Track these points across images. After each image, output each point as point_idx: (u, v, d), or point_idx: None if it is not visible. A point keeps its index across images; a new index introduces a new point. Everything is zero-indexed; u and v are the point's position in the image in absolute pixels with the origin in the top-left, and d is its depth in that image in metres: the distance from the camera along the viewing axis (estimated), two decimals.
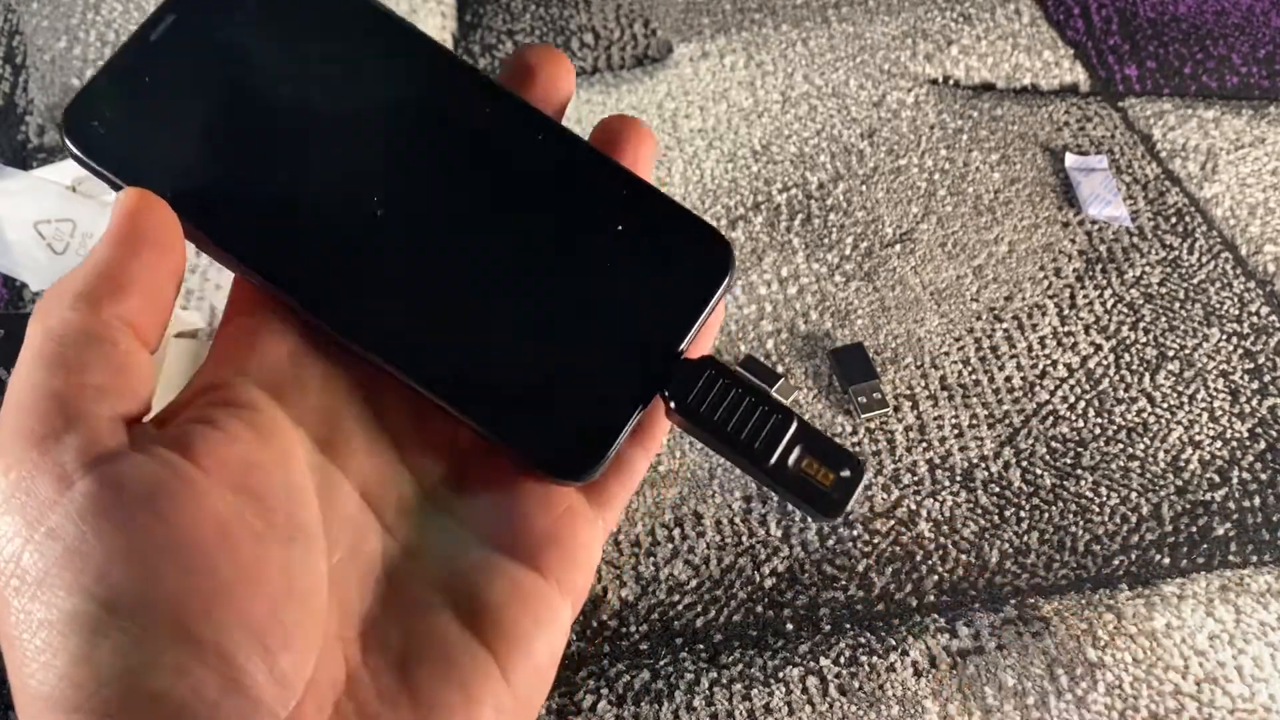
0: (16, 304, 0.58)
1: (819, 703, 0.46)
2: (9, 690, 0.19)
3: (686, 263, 0.25)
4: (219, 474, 0.21)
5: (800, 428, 0.24)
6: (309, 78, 0.25)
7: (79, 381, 0.21)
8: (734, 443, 0.24)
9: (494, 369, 0.24)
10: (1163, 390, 0.56)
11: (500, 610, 0.23)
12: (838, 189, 0.64)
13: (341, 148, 0.24)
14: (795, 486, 0.24)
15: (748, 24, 0.72)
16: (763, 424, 0.24)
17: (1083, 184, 0.64)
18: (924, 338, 0.57)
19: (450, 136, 0.25)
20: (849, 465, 0.24)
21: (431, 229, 0.24)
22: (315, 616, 0.21)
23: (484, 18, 0.72)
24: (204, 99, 0.24)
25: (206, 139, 0.24)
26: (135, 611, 0.19)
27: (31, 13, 0.71)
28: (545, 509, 0.24)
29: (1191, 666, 0.47)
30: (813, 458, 0.24)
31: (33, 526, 0.19)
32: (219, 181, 0.24)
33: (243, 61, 0.24)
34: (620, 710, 0.45)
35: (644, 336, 0.24)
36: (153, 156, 0.24)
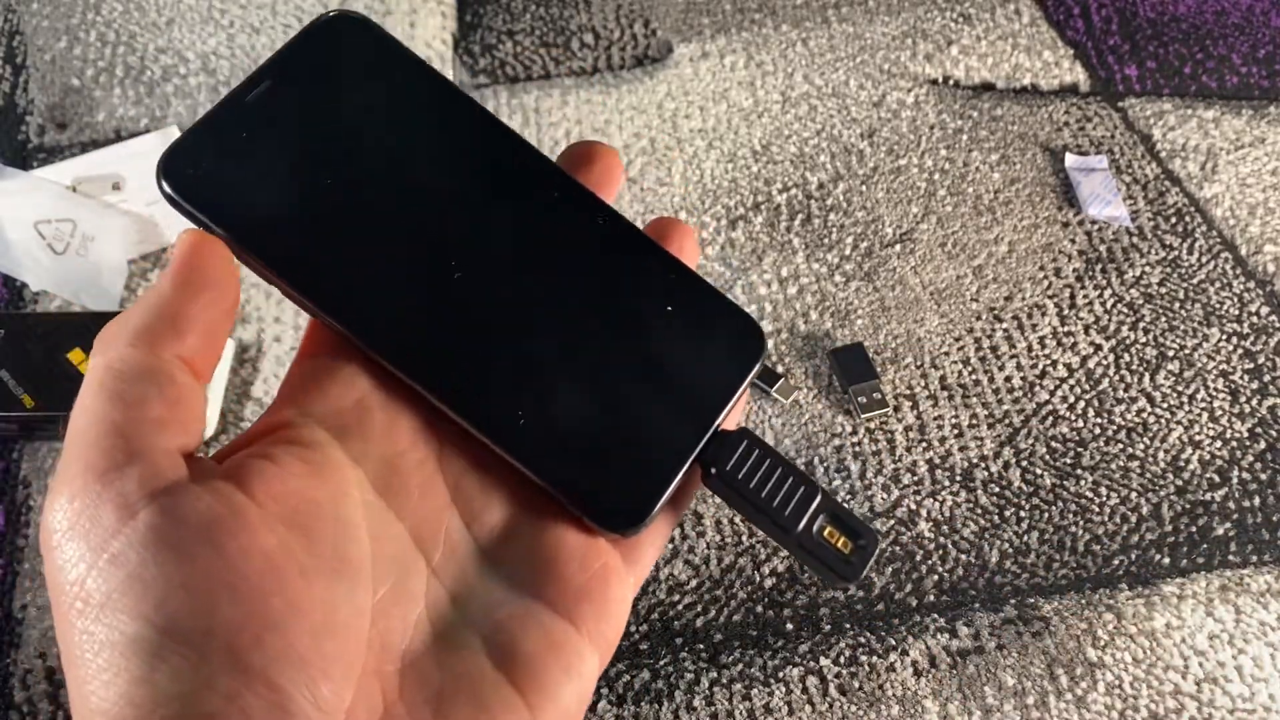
0: (16, 304, 0.58)
1: (819, 702, 0.46)
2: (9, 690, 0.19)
3: (725, 344, 0.28)
4: (272, 507, 0.22)
5: (824, 499, 0.27)
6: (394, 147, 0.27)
7: (139, 415, 0.22)
8: (766, 510, 0.27)
9: (558, 429, 0.26)
10: (1163, 390, 0.56)
11: (534, 658, 0.24)
12: (838, 189, 0.64)
13: (423, 214, 0.27)
14: (818, 552, 0.27)
15: (748, 24, 0.72)
16: (792, 494, 0.27)
17: (1083, 184, 0.64)
18: (924, 338, 0.57)
19: (522, 214, 0.28)
20: (865, 535, 0.27)
21: (503, 295, 0.27)
22: (355, 648, 0.23)
23: (484, 18, 0.72)
24: (295, 157, 0.26)
25: (296, 193, 0.26)
26: (191, 638, 0.20)
27: (31, 13, 0.71)
28: (584, 566, 0.26)
29: (1191, 666, 0.47)
30: (834, 527, 0.27)
31: (96, 553, 0.20)
32: (307, 232, 0.26)
33: (333, 126, 0.27)
34: (620, 710, 0.45)
35: (687, 407, 0.27)
36: (244, 204, 0.26)
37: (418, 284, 0.26)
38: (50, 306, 0.58)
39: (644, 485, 0.26)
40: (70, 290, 0.57)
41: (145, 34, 0.70)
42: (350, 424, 0.25)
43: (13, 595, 0.48)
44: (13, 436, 0.53)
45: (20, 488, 0.52)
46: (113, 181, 0.61)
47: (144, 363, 0.22)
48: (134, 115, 0.66)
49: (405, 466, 0.26)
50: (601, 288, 0.27)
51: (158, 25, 0.70)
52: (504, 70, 0.69)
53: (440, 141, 0.28)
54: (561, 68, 0.69)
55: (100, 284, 0.58)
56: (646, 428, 0.26)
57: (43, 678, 0.46)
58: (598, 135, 0.65)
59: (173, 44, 0.69)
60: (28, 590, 0.49)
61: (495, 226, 0.27)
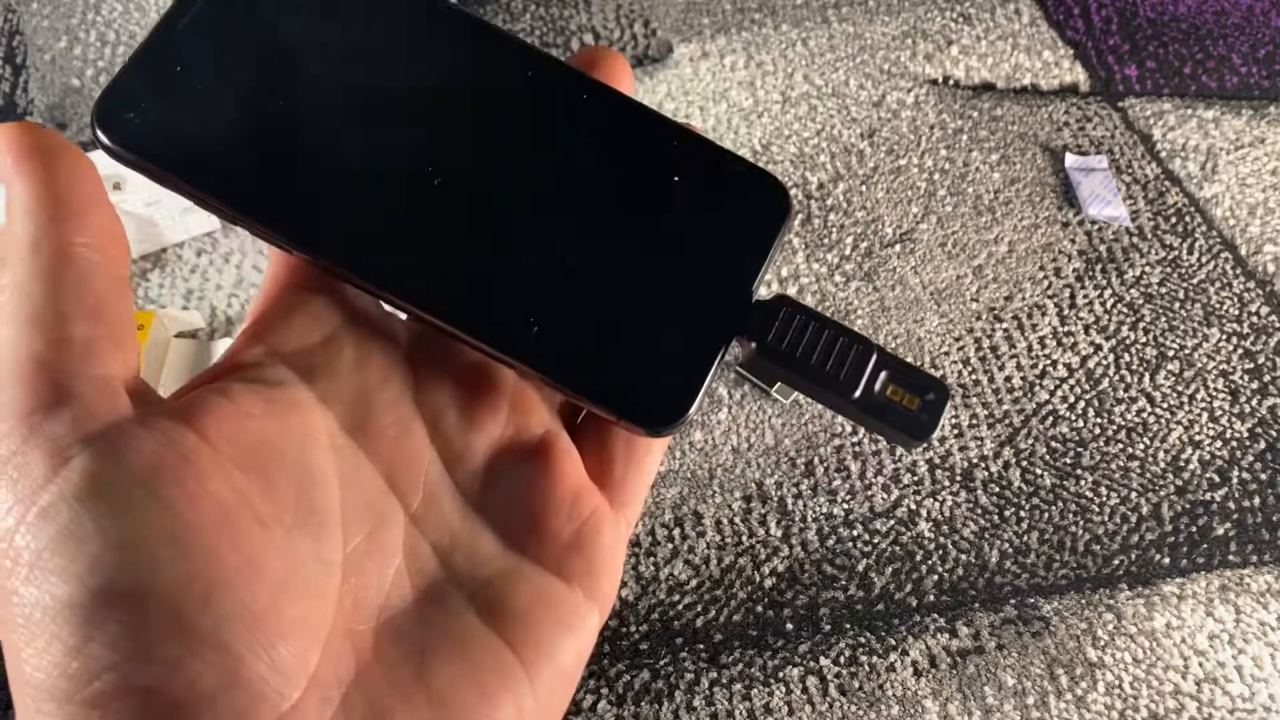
0: None
1: (819, 703, 0.46)
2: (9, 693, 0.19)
3: (747, 208, 0.25)
4: (226, 449, 0.20)
5: (881, 356, 0.25)
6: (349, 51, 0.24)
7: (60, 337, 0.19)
8: (820, 377, 0.24)
9: (577, 329, 0.24)
10: (1163, 390, 0.56)
11: (524, 615, 0.23)
12: (838, 189, 0.64)
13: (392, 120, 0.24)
14: (884, 414, 0.24)
15: (748, 24, 0.72)
16: (845, 355, 0.24)
17: (1083, 184, 0.64)
18: (924, 338, 0.58)
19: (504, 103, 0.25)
20: (933, 388, 0.24)
21: (496, 191, 0.24)
22: (322, 606, 0.21)
23: (484, 18, 0.72)
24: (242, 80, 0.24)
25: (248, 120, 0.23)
26: (131, 601, 0.18)
27: (31, 13, 0.71)
28: (571, 516, 0.24)
29: (1191, 666, 0.47)
30: (897, 385, 0.24)
31: (25, 505, 0.18)
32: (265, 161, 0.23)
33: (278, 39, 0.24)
34: (620, 710, 0.45)
35: (717, 283, 0.24)
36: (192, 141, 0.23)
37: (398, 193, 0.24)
38: None
39: (682, 374, 0.23)
40: None
41: (145, 34, 0.70)
42: (318, 361, 0.23)
43: None
44: None
45: None
46: (113, 182, 0.61)
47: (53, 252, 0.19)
48: None
49: (379, 404, 0.23)
50: (602, 167, 0.25)
51: None
52: None
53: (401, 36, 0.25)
54: None
55: None
56: (675, 311, 0.24)
57: None
58: None
59: None
60: None
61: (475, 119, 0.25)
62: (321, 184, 0.23)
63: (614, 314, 0.24)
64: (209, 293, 0.58)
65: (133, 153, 0.23)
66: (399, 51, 0.25)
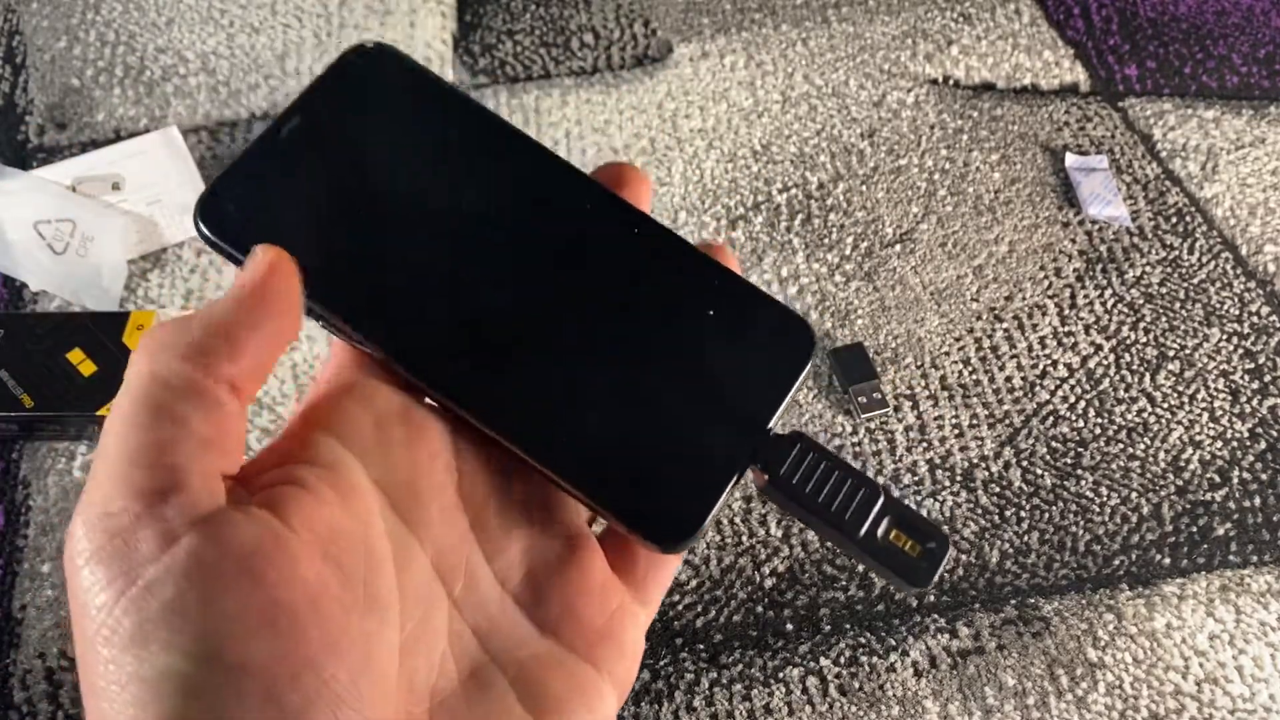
0: (16, 304, 0.58)
1: (819, 703, 0.46)
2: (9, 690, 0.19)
3: (773, 345, 0.27)
4: (307, 537, 0.21)
5: (887, 500, 0.26)
6: (426, 173, 0.27)
7: (184, 435, 0.21)
8: (826, 515, 0.25)
9: (602, 446, 0.26)
10: (1163, 390, 0.56)
11: (561, 702, 0.24)
12: (838, 189, 0.64)
13: (459, 235, 0.27)
14: (885, 558, 0.25)
15: (748, 24, 0.72)
16: (853, 496, 0.25)
17: (1083, 184, 0.64)
18: (924, 338, 0.57)
19: (559, 229, 0.27)
20: (935, 538, 0.25)
21: (544, 310, 0.26)
22: (390, 688, 0.22)
23: (484, 18, 0.72)
24: (330, 189, 0.27)
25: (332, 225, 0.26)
26: (229, 674, 0.19)
27: (31, 13, 0.71)
28: (602, 608, 0.25)
29: (1192, 666, 0.47)
30: (900, 530, 0.25)
31: (129, 579, 0.19)
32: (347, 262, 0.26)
33: (365, 155, 0.27)
34: (620, 710, 0.45)
35: (738, 414, 0.26)
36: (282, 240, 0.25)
37: (456, 305, 0.26)
38: (50, 306, 0.58)
39: (694, 497, 0.25)
40: (70, 290, 0.57)
41: (145, 34, 0.70)
42: (371, 445, 0.24)
43: (12, 595, 0.48)
44: (13, 436, 0.53)
45: (20, 488, 0.52)
46: (113, 181, 0.61)
47: (194, 381, 0.21)
48: (134, 115, 0.66)
49: (426, 491, 0.25)
50: (642, 296, 0.27)
51: (158, 25, 0.70)
52: (504, 70, 0.69)
53: (472, 162, 0.28)
54: (561, 68, 0.69)
55: (100, 284, 0.58)
56: (694, 437, 0.26)
57: (43, 678, 0.46)
58: (598, 135, 0.65)
59: (173, 44, 0.69)
60: (27, 590, 0.48)
61: (532, 242, 0.27)
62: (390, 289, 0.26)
63: (638, 435, 0.25)
64: (209, 293, 0.58)
65: (230, 245, 0.26)
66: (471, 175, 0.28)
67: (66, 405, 0.50)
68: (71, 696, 0.45)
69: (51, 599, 0.48)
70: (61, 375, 0.51)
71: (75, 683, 0.46)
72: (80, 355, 0.51)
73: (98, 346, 0.51)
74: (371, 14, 0.71)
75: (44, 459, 0.52)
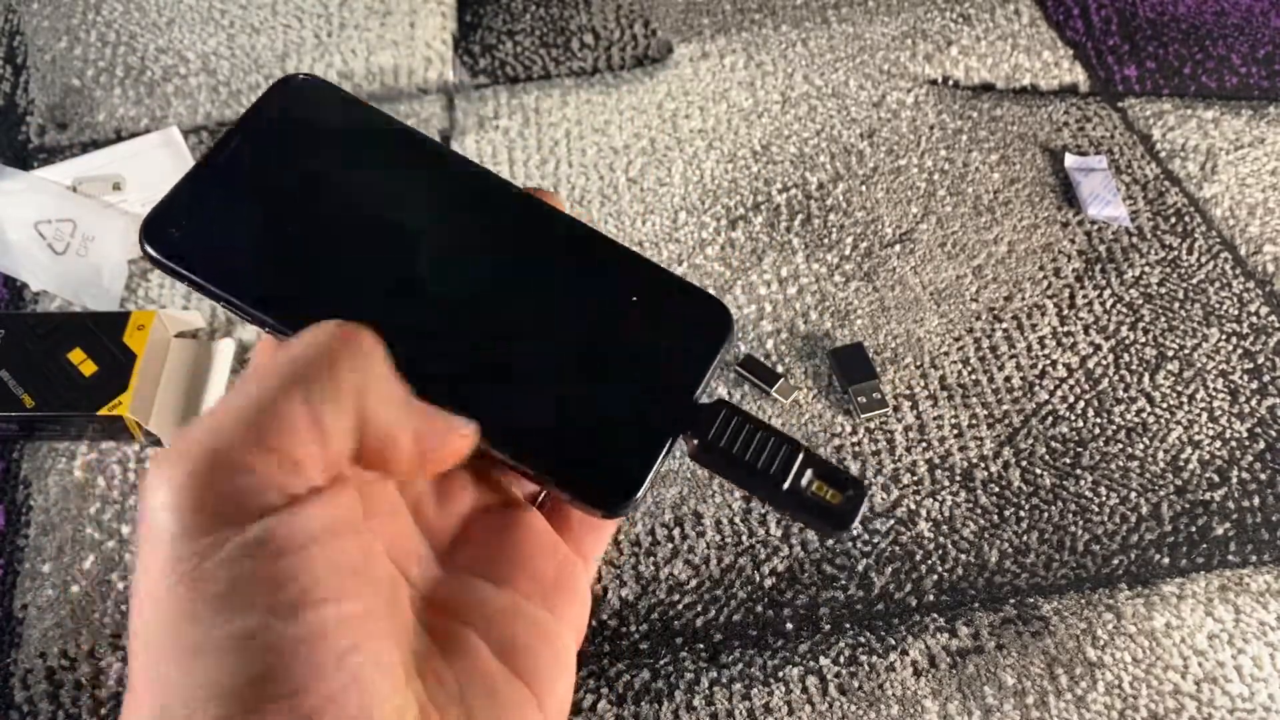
0: (16, 304, 0.58)
1: (819, 702, 0.46)
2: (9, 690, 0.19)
3: (694, 325, 0.30)
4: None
5: (807, 455, 0.28)
6: (355, 189, 0.30)
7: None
8: (754, 472, 0.28)
9: (546, 425, 0.28)
10: (1162, 390, 0.56)
11: (529, 649, 0.26)
12: (838, 189, 0.64)
13: (389, 241, 0.29)
14: (809, 507, 0.28)
15: (748, 24, 0.72)
16: (775, 453, 0.28)
17: (1083, 184, 0.64)
18: (924, 338, 0.58)
19: (484, 229, 0.30)
20: (853, 485, 0.28)
21: (476, 308, 0.29)
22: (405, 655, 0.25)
23: (484, 18, 0.72)
24: (266, 208, 0.29)
25: (269, 241, 0.29)
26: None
27: (31, 13, 0.71)
28: (551, 558, 0.28)
29: (1191, 666, 0.47)
30: (821, 481, 0.28)
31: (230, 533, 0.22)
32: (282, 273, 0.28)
33: (298, 177, 0.30)
34: (620, 710, 0.45)
35: (665, 388, 0.29)
36: (223, 257, 0.28)
37: (391, 307, 0.29)
38: (50, 306, 0.58)
39: (630, 466, 0.28)
40: (70, 290, 0.57)
41: (145, 34, 0.70)
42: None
43: (13, 595, 0.48)
44: (13, 436, 0.53)
45: (20, 488, 0.52)
46: (113, 181, 0.61)
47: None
48: (134, 115, 0.66)
49: (374, 493, 0.26)
50: (569, 287, 0.30)
51: (158, 25, 0.70)
52: (504, 70, 0.69)
53: (396, 175, 0.30)
54: (561, 68, 0.69)
55: (100, 284, 0.58)
56: (627, 412, 0.28)
57: (43, 677, 0.46)
58: (597, 135, 0.66)
59: (173, 44, 0.69)
60: (28, 590, 0.49)
61: (462, 243, 0.30)
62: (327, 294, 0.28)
63: (576, 412, 0.28)
64: None
65: (173, 263, 0.28)
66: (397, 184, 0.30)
67: (66, 405, 0.50)
68: (72, 696, 0.46)
69: (52, 599, 0.48)
70: (61, 375, 0.51)
71: (76, 682, 0.46)
72: (80, 355, 0.51)
73: (98, 346, 0.51)
74: (371, 14, 0.71)
75: (44, 459, 0.52)
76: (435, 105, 0.67)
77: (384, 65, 0.69)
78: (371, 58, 0.69)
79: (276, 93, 0.30)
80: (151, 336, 0.52)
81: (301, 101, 0.31)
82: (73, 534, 0.50)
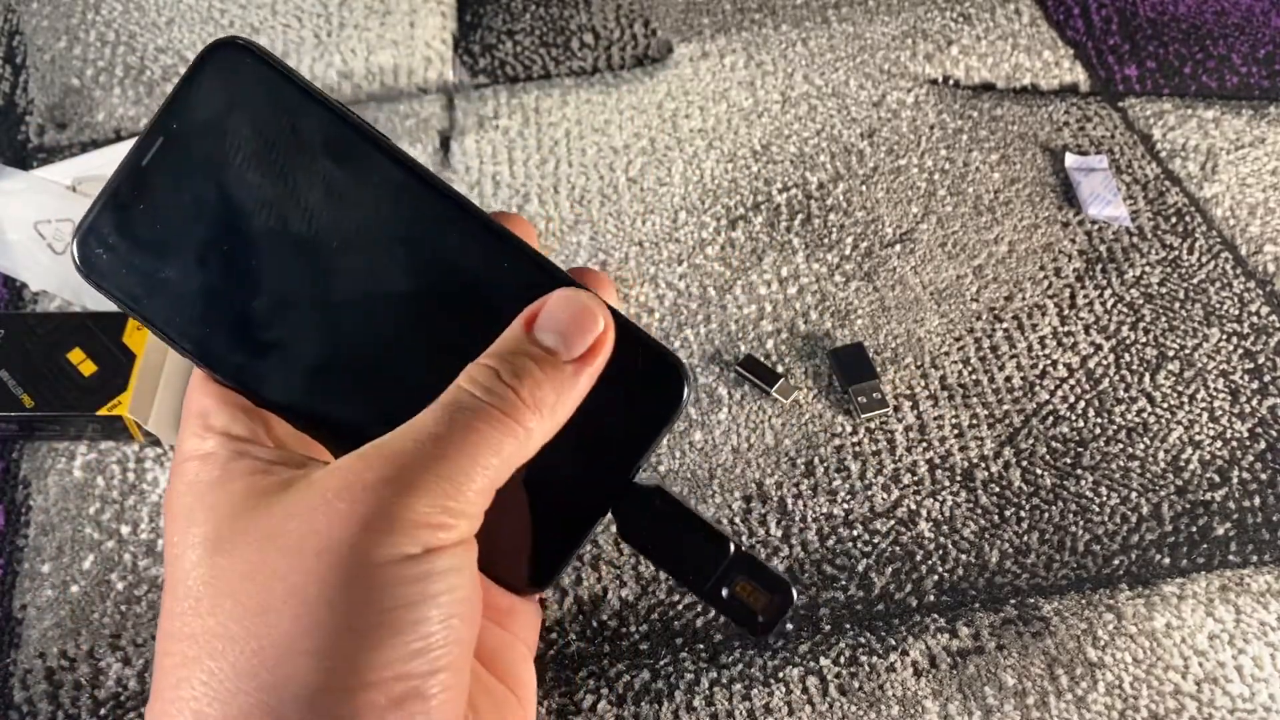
0: (16, 304, 0.58)
1: (819, 703, 0.46)
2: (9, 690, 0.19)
3: (644, 390, 0.26)
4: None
5: (736, 555, 0.27)
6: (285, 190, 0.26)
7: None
8: (678, 565, 0.27)
9: None
10: (1163, 390, 0.56)
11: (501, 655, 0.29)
12: (838, 189, 0.64)
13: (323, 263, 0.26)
14: (730, 610, 0.27)
15: (748, 24, 0.72)
16: (702, 550, 0.27)
17: (1083, 184, 0.64)
18: (924, 338, 0.57)
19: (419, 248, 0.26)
20: (780, 590, 0.27)
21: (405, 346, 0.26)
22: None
23: (484, 18, 0.72)
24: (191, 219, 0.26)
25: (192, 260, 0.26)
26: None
27: (31, 13, 0.71)
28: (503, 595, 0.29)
29: (1191, 666, 0.47)
30: (749, 581, 0.27)
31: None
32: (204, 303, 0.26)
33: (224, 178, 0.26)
34: (620, 710, 0.45)
35: (601, 462, 0.26)
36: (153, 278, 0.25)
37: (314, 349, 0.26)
38: (50, 306, 0.58)
39: (551, 544, 0.26)
40: (70, 290, 0.57)
41: (145, 34, 0.70)
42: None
43: (12, 595, 0.48)
44: (13, 436, 0.53)
45: (20, 488, 0.52)
46: None
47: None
48: (134, 115, 0.66)
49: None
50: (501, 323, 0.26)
51: (158, 25, 0.70)
52: (504, 70, 0.69)
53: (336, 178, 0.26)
54: (561, 68, 0.69)
55: None
56: (556, 486, 0.26)
57: (43, 678, 0.46)
58: (597, 135, 0.66)
59: (173, 44, 0.69)
60: (28, 590, 0.49)
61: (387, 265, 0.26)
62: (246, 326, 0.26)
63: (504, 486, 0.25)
64: None
65: (105, 286, 0.26)
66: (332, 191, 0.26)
67: (66, 405, 0.50)
68: (71, 696, 0.46)
69: (51, 599, 0.48)
70: (61, 375, 0.51)
71: (75, 682, 0.46)
72: (80, 355, 0.51)
73: (98, 346, 0.51)
74: (371, 14, 0.71)
75: (44, 459, 0.52)
76: (435, 105, 0.67)
77: (384, 65, 0.69)
78: (371, 57, 0.69)
79: (205, 67, 0.26)
80: (151, 336, 0.52)
81: (232, 80, 0.26)
82: (72, 534, 0.50)
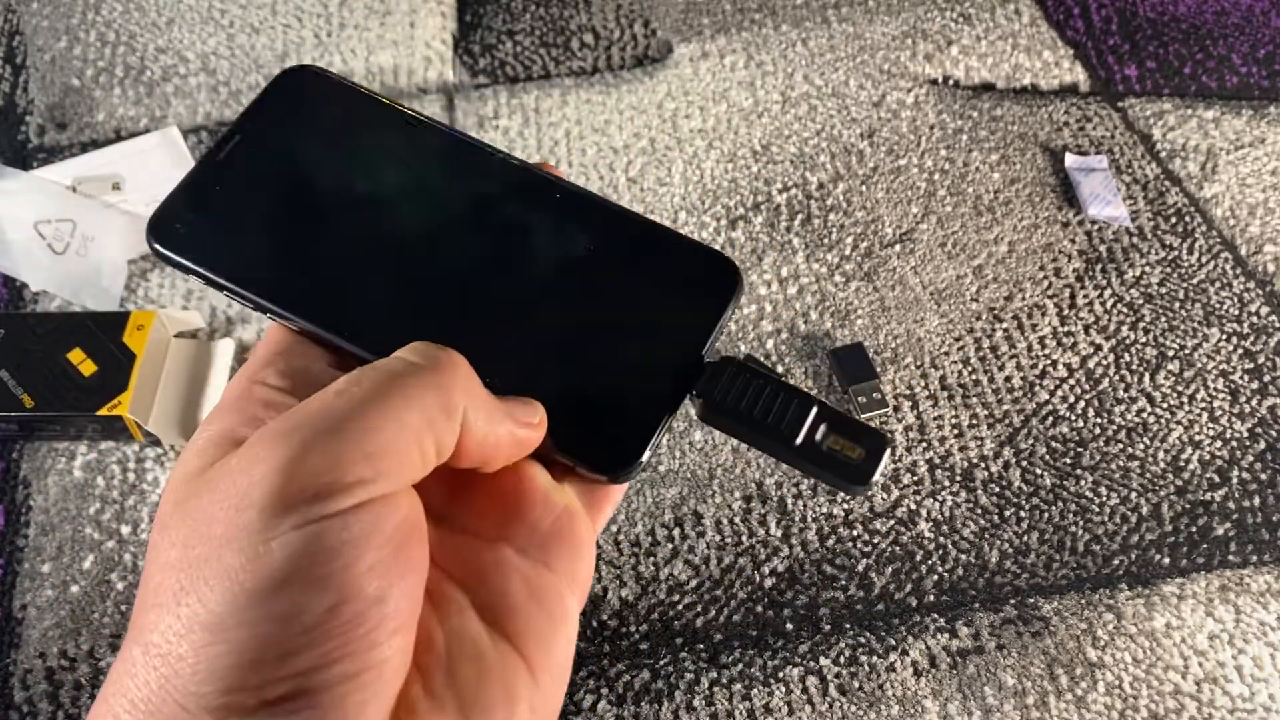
0: (16, 304, 0.58)
1: (819, 702, 0.46)
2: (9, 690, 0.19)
3: (700, 282, 0.29)
4: None
5: (822, 409, 0.27)
6: (358, 175, 0.30)
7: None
8: (763, 429, 0.27)
9: (549, 390, 0.28)
10: (1163, 390, 0.56)
11: (519, 610, 0.25)
12: (838, 189, 0.64)
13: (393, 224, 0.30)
14: (826, 463, 0.26)
15: (748, 24, 0.72)
16: (786, 409, 0.27)
17: (1083, 184, 0.64)
18: (924, 338, 0.57)
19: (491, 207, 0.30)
20: (873, 438, 0.26)
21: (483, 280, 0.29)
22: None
23: (484, 18, 0.72)
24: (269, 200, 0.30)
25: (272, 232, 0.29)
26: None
27: (31, 13, 0.71)
28: (546, 509, 0.26)
29: (1191, 666, 0.47)
30: (839, 435, 0.27)
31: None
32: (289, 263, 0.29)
33: (300, 167, 0.30)
34: (620, 710, 0.45)
35: (671, 348, 0.28)
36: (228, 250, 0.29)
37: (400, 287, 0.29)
38: (50, 306, 0.58)
39: (633, 430, 0.27)
40: (70, 290, 0.57)
41: (145, 34, 0.70)
42: None
43: (13, 595, 0.48)
44: (13, 436, 0.53)
45: (20, 488, 0.52)
46: (113, 181, 0.61)
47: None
48: (134, 115, 0.66)
49: None
50: (574, 256, 0.29)
51: (158, 25, 0.70)
52: (504, 70, 0.69)
53: (399, 155, 0.30)
54: (561, 68, 0.69)
55: (100, 284, 0.58)
56: (631, 373, 0.28)
57: (43, 678, 0.46)
58: (597, 135, 0.65)
59: (173, 44, 0.69)
60: (27, 590, 0.49)
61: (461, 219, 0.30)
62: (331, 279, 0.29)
63: (579, 376, 0.28)
64: (209, 293, 0.58)
65: (181, 257, 0.29)
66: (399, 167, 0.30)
67: (66, 405, 0.50)
68: (71, 696, 0.46)
69: (52, 599, 0.48)
70: (61, 375, 0.51)
71: (75, 682, 0.46)
72: (80, 355, 0.51)
73: (98, 346, 0.51)
74: (371, 14, 0.71)
75: (44, 459, 0.52)
76: (435, 105, 0.67)
77: (384, 65, 0.69)
78: (371, 57, 0.69)
79: (278, 86, 0.31)
80: (151, 336, 0.52)
81: (302, 93, 0.31)
82: (72, 534, 0.50)
